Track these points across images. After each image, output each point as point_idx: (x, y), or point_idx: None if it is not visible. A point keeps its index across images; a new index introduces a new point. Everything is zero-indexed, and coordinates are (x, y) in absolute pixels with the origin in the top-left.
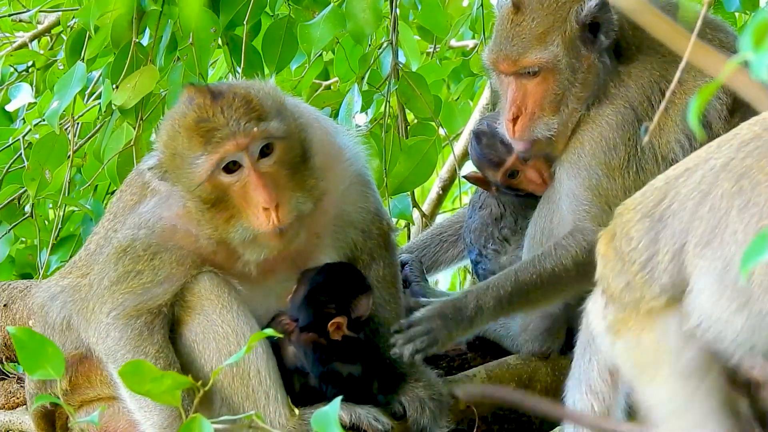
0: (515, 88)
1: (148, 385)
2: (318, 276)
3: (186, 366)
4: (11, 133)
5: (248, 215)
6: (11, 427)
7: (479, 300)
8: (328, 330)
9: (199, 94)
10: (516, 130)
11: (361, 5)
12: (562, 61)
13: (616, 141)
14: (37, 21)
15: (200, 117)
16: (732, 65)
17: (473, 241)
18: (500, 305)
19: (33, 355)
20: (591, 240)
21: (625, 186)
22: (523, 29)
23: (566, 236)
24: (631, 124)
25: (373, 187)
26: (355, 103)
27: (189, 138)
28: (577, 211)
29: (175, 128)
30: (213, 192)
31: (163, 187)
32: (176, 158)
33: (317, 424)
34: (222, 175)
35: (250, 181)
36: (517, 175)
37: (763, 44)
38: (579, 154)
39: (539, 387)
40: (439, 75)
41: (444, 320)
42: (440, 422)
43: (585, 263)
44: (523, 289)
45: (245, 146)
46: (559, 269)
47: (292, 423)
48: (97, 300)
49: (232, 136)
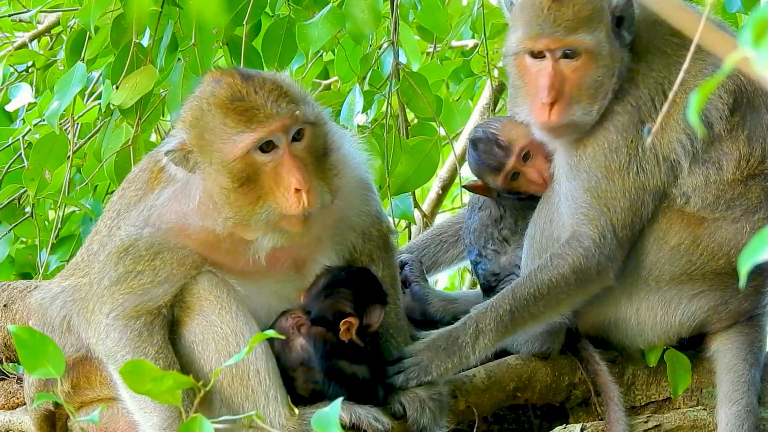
0: (553, 71)
1: (149, 384)
2: (341, 273)
3: (185, 367)
4: (11, 133)
5: (277, 197)
6: (11, 427)
7: (479, 324)
8: (339, 328)
9: (227, 75)
10: (553, 113)
11: (359, 5)
12: (605, 48)
13: (619, 143)
14: (37, 21)
15: (234, 95)
16: (732, 62)
17: (473, 242)
18: (502, 325)
19: (33, 354)
20: (587, 246)
21: (624, 187)
22: (567, 12)
23: (563, 244)
24: (634, 125)
25: (374, 191)
26: (357, 103)
27: (224, 115)
28: (575, 215)
29: (203, 107)
30: (245, 171)
31: (180, 173)
32: (206, 135)
33: (317, 424)
34: (257, 154)
35: (284, 163)
36: (518, 177)
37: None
38: (580, 156)
39: (539, 387)
40: (440, 75)
41: (435, 352)
42: (440, 422)
43: (583, 270)
44: (522, 305)
45: (287, 127)
46: (557, 279)
47: (292, 423)
48: (96, 300)
49: (275, 116)
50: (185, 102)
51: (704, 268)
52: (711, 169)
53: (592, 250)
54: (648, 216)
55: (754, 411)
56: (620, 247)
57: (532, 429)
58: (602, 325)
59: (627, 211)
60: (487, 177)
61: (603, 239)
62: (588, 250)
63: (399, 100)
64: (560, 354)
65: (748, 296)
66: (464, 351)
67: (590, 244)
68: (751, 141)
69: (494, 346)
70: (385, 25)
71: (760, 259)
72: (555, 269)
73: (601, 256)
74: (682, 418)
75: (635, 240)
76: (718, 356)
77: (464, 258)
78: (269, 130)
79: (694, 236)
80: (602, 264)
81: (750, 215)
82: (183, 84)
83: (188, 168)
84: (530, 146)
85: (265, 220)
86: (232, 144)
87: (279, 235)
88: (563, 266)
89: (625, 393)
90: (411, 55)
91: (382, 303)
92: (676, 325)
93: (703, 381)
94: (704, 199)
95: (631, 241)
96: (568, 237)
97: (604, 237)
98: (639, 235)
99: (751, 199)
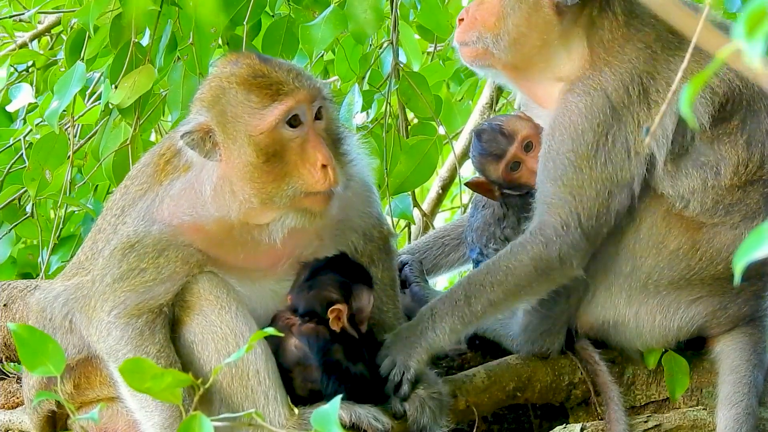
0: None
1: (149, 382)
2: (319, 262)
3: (185, 366)
4: (12, 133)
5: (303, 173)
6: (11, 427)
7: (433, 309)
8: (328, 317)
9: (244, 57)
10: (459, 31)
11: (362, 6)
12: None
13: (585, 126)
14: (38, 21)
15: (255, 73)
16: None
17: (475, 240)
18: (458, 309)
19: (33, 352)
20: (548, 235)
21: (591, 176)
22: None
23: (526, 234)
24: (601, 109)
25: (375, 192)
26: (356, 102)
27: (248, 91)
28: (541, 204)
29: (224, 86)
30: (271, 146)
31: (196, 158)
32: (229, 112)
33: (317, 422)
34: (285, 129)
35: (309, 139)
36: (519, 167)
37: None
38: (549, 144)
39: (539, 387)
40: (442, 76)
41: (401, 343)
42: (440, 422)
43: (543, 259)
44: (478, 290)
45: (311, 99)
46: (515, 266)
47: (292, 423)
48: (98, 297)
49: (299, 89)
50: (201, 86)
51: (703, 273)
52: (709, 173)
53: (553, 238)
54: (618, 209)
55: (754, 414)
56: (585, 237)
57: (531, 429)
58: (601, 328)
59: (593, 200)
60: (489, 167)
61: (566, 228)
62: (549, 239)
63: (399, 99)
64: (560, 354)
65: (748, 301)
66: (427, 335)
67: (551, 233)
68: (750, 146)
69: (461, 330)
70: (385, 25)
71: (754, 256)
72: (513, 256)
73: (563, 245)
74: (682, 417)
75: (605, 233)
76: (721, 357)
77: (465, 262)
78: (296, 100)
79: (693, 241)
80: (564, 253)
81: (749, 221)
82: (183, 84)
83: (205, 151)
84: (533, 137)
85: (290, 197)
86: (259, 117)
87: (300, 215)
88: (522, 254)
89: (625, 393)
90: (411, 54)
91: (368, 285)
92: (674, 329)
93: (703, 381)
94: (703, 204)
95: (598, 233)
96: (533, 227)
97: (567, 226)
98: (638, 238)
99: (750, 205)
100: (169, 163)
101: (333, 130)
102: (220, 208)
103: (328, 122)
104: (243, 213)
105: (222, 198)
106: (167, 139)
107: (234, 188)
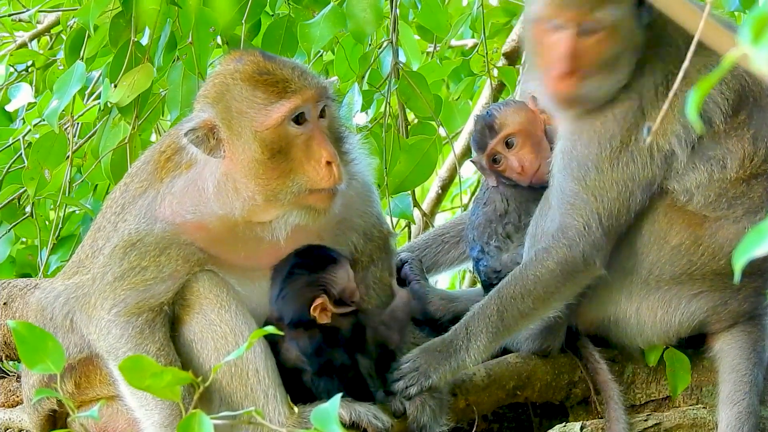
0: (572, 43)
1: (149, 380)
2: (283, 265)
3: (184, 365)
4: (11, 133)
5: (308, 170)
6: (11, 425)
7: (468, 328)
8: (314, 317)
9: (248, 55)
10: (566, 84)
11: (361, 5)
12: (626, 25)
13: (615, 131)
14: (37, 21)
15: (261, 70)
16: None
17: (476, 238)
18: (492, 326)
19: (33, 350)
20: (571, 237)
21: (613, 177)
22: None
23: (548, 237)
24: (633, 112)
25: (375, 192)
26: (356, 102)
27: (253, 87)
28: (562, 206)
29: (228, 82)
30: (276, 143)
31: (200, 155)
32: (234, 107)
33: (317, 421)
34: (291, 126)
35: (314, 136)
36: (500, 162)
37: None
38: (575, 143)
39: (539, 385)
40: (440, 75)
41: (431, 355)
42: (440, 420)
43: (569, 262)
44: (510, 303)
45: (317, 98)
46: (543, 274)
47: (291, 421)
48: (99, 295)
49: (305, 87)
50: (204, 83)
51: (705, 269)
52: (715, 166)
53: (576, 240)
54: (637, 209)
55: (755, 412)
56: (606, 236)
57: (531, 427)
58: (602, 324)
59: (614, 201)
60: (478, 153)
61: (588, 228)
62: (572, 241)
63: (398, 99)
64: (560, 352)
65: (748, 297)
66: (459, 354)
67: (574, 234)
68: (756, 140)
69: (492, 346)
70: (385, 25)
71: (755, 254)
72: (540, 263)
73: (586, 245)
74: (681, 416)
75: (623, 232)
76: (721, 355)
77: (465, 260)
78: (302, 98)
79: (696, 236)
80: (587, 253)
81: (752, 215)
82: (182, 83)
83: (209, 148)
84: (518, 135)
85: (294, 194)
86: (265, 114)
87: (304, 212)
88: (548, 260)
89: (625, 391)
90: (411, 54)
91: (338, 261)
92: (675, 324)
93: (703, 379)
94: (707, 197)
95: (618, 232)
96: (555, 229)
97: (588, 226)
98: (639, 233)
99: (754, 199)
100: (170, 161)
101: (335, 128)
102: (223, 206)
103: (331, 121)
104: (247, 210)
105: (225, 195)
106: (167, 137)
107: (238, 185)
